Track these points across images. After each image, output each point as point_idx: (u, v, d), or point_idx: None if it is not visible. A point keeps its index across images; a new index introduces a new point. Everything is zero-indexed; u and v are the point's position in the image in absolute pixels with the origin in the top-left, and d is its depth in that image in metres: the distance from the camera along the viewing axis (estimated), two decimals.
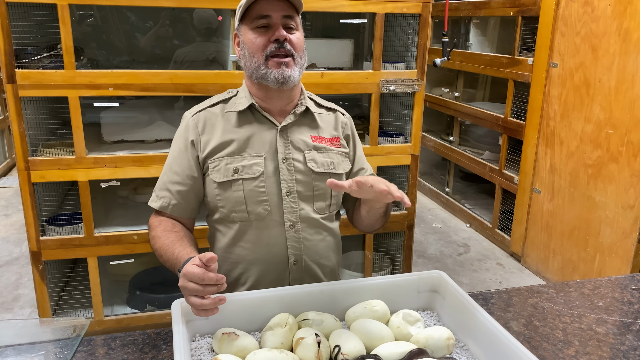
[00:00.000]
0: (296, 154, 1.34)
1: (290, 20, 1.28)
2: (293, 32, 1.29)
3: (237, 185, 1.31)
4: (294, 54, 1.27)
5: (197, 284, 1.00)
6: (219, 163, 1.31)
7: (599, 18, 2.66)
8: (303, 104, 1.37)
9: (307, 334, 1.01)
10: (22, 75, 1.98)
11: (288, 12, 1.27)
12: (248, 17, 1.28)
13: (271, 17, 1.26)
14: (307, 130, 1.37)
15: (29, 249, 2.17)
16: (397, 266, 2.68)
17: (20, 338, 1.15)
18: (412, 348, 1.01)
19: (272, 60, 1.26)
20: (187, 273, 1.02)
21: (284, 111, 1.36)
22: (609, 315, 1.30)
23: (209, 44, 2.67)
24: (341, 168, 1.39)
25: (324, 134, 1.39)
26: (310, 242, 1.36)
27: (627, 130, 2.53)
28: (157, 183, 1.37)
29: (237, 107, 1.35)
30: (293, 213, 1.33)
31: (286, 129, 1.35)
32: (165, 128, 2.43)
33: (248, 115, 1.35)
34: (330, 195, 1.38)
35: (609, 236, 2.66)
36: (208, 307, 1.01)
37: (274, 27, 1.26)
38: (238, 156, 1.32)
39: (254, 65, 1.28)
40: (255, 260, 1.34)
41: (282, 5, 1.27)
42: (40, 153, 2.12)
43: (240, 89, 1.40)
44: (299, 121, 1.37)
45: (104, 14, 2.69)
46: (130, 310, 2.41)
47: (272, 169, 1.32)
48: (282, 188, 1.32)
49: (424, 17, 2.35)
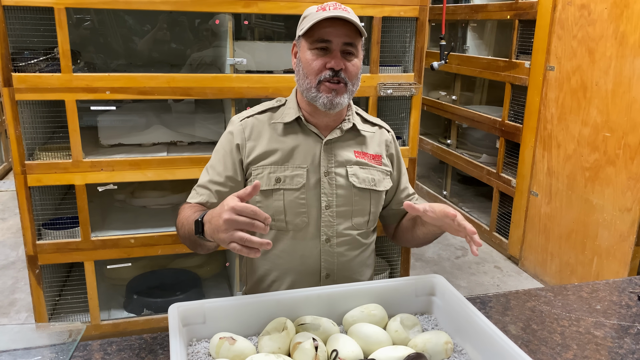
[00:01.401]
0: (338, 169, 1.35)
1: (351, 46, 1.27)
2: (351, 58, 1.28)
3: (278, 195, 1.32)
4: (347, 82, 1.27)
5: (249, 218, 0.97)
6: (262, 171, 1.33)
7: (596, 21, 2.66)
8: (350, 120, 1.38)
9: (304, 339, 1.01)
10: (19, 79, 1.97)
11: (350, 39, 1.26)
12: (309, 35, 1.27)
13: (332, 42, 1.25)
14: (352, 146, 1.38)
15: (25, 253, 2.15)
16: (395, 270, 2.68)
17: (15, 343, 1.14)
18: (410, 352, 1.00)
19: (324, 85, 1.27)
20: (237, 206, 0.97)
21: (330, 126, 1.37)
22: (607, 319, 1.30)
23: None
24: (382, 186, 1.40)
25: (367, 150, 1.40)
26: (345, 257, 1.37)
27: (624, 133, 2.53)
28: (199, 181, 1.37)
29: (285, 118, 1.36)
30: (330, 227, 1.34)
31: (331, 143, 1.36)
32: (162, 131, 2.43)
33: (295, 127, 1.36)
34: (369, 212, 1.39)
35: (606, 239, 2.66)
36: (255, 245, 0.97)
37: (332, 53, 1.25)
38: (281, 166, 1.33)
39: (306, 85, 1.29)
40: (288, 269, 1.35)
41: (345, 31, 1.25)
42: (37, 157, 2.11)
43: (289, 99, 1.40)
44: (344, 136, 1.37)
45: (101, 17, 2.68)
46: (127, 315, 2.40)
47: (313, 182, 1.33)
48: (322, 201, 1.33)
49: (421, 21, 2.35)
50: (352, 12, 1.27)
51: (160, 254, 2.32)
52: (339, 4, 1.28)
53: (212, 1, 2.08)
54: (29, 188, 2.08)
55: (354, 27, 1.26)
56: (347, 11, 1.26)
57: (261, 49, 2.36)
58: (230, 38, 2.17)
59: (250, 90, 2.21)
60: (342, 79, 1.26)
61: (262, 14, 2.37)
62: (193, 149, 2.40)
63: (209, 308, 1.07)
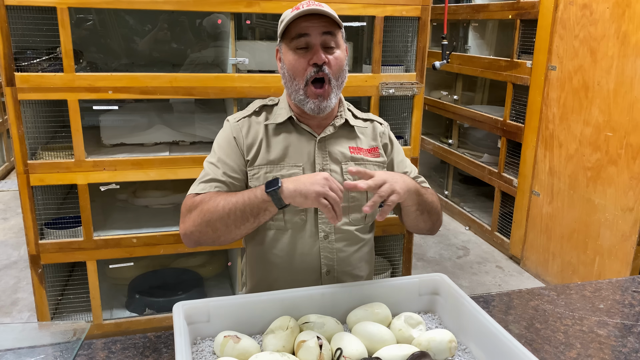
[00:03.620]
0: (333, 166, 1.36)
1: (331, 37, 1.27)
2: (333, 51, 1.28)
3: None
4: (331, 78, 1.28)
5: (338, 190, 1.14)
6: (258, 171, 1.33)
7: (598, 21, 2.66)
8: (342, 116, 1.39)
9: (308, 337, 1.01)
10: (22, 79, 1.98)
11: (328, 28, 1.27)
12: (288, 35, 1.28)
13: (310, 35, 1.26)
14: (346, 142, 1.39)
15: (27, 252, 2.16)
16: (397, 269, 2.68)
17: (20, 342, 1.14)
18: (414, 351, 1.00)
19: (310, 89, 1.27)
20: (330, 177, 1.15)
21: (323, 123, 1.37)
22: (611, 318, 1.30)
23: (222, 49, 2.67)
24: None
25: (362, 144, 1.41)
26: (344, 253, 1.37)
27: (626, 133, 2.53)
28: (205, 176, 1.32)
29: (277, 118, 1.36)
30: (328, 224, 1.34)
31: (324, 140, 1.36)
32: (164, 131, 2.43)
33: (288, 126, 1.37)
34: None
35: (608, 239, 2.66)
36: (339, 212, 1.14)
37: (313, 49, 1.26)
38: (277, 165, 1.33)
39: (294, 88, 1.30)
40: (288, 267, 1.36)
41: (322, 23, 1.26)
42: (40, 156, 2.11)
43: (281, 99, 1.41)
44: (337, 133, 1.38)
45: (103, 17, 2.68)
46: (130, 314, 2.40)
47: None
48: None
49: (423, 20, 2.35)
50: (325, 6, 1.28)
51: (163, 254, 2.32)
52: (314, 2, 1.28)
53: (214, 1, 2.09)
54: (32, 187, 2.09)
55: (330, 19, 1.27)
56: (320, 5, 1.27)
57: (263, 48, 2.37)
58: (232, 38, 2.18)
59: (252, 90, 2.21)
60: (327, 74, 1.27)
61: (264, 13, 2.37)
62: (195, 148, 2.40)
63: (213, 306, 1.08)
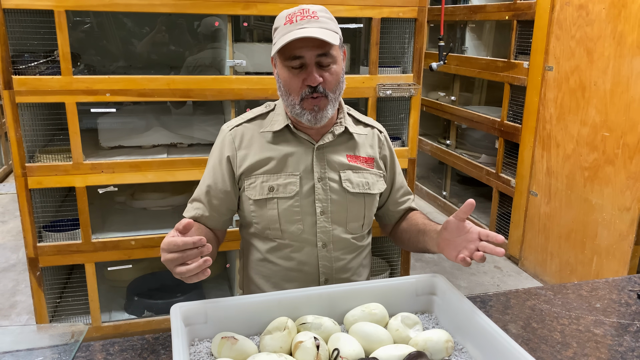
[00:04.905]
0: (332, 174, 1.34)
1: (325, 57, 1.23)
2: (328, 68, 1.24)
3: (272, 204, 1.31)
4: (328, 93, 1.25)
5: (177, 252, 1.00)
6: (255, 180, 1.32)
7: (594, 22, 2.67)
8: (342, 123, 1.36)
9: (306, 338, 1.01)
10: (19, 82, 1.98)
11: (323, 50, 1.22)
12: (282, 53, 1.23)
13: (304, 57, 1.22)
14: (344, 150, 1.37)
15: (26, 255, 2.16)
16: (395, 270, 2.68)
17: (18, 344, 1.14)
18: (411, 351, 1.01)
19: (306, 102, 1.25)
20: (164, 245, 1.02)
21: (321, 131, 1.35)
22: (607, 317, 1.30)
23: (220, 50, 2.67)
24: (376, 188, 1.39)
25: (360, 153, 1.39)
26: (342, 260, 1.37)
27: (623, 133, 2.54)
28: (194, 194, 1.37)
29: (274, 126, 1.34)
30: (325, 233, 1.34)
31: (323, 148, 1.35)
32: (162, 134, 2.43)
33: (285, 134, 1.34)
34: (364, 216, 1.39)
35: (606, 238, 2.67)
36: (195, 271, 1.00)
37: (308, 69, 1.22)
38: (274, 175, 1.32)
39: (289, 102, 1.28)
40: (286, 276, 1.35)
41: (317, 43, 1.20)
42: (38, 159, 2.11)
43: (278, 104, 1.39)
44: (336, 141, 1.36)
45: (100, 20, 2.69)
46: (128, 316, 2.40)
47: (307, 189, 1.32)
48: (317, 207, 1.33)
49: (419, 22, 2.36)
50: (322, 18, 1.23)
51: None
52: (307, 11, 1.23)
53: (212, 3, 2.09)
54: (30, 190, 2.09)
55: (324, 41, 1.20)
56: (315, 18, 1.22)
57: (260, 50, 2.37)
58: (229, 40, 2.18)
59: (249, 91, 2.22)
60: (322, 92, 1.24)
61: (261, 15, 2.37)
62: (193, 150, 2.41)
63: (210, 308, 1.08)
